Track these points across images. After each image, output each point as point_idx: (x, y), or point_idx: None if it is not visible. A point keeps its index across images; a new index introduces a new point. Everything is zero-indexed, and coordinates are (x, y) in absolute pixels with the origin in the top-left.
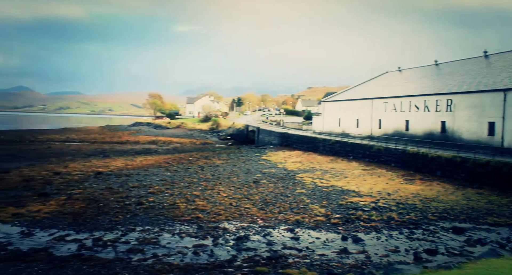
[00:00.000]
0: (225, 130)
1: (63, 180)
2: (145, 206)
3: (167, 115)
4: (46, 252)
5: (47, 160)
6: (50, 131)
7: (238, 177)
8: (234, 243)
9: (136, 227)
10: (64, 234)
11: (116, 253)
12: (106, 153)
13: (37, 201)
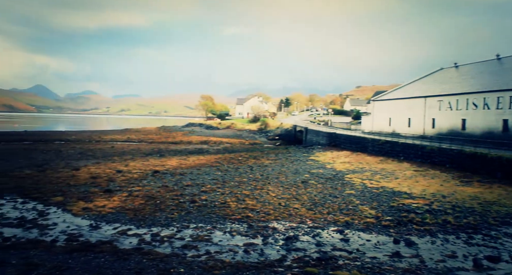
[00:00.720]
0: (273, 130)
1: (125, 178)
2: (198, 204)
3: (218, 116)
4: (111, 244)
5: (111, 159)
6: (113, 132)
7: (287, 177)
8: (283, 243)
9: (190, 224)
10: (126, 228)
11: (172, 249)
12: (162, 153)
13: (103, 197)
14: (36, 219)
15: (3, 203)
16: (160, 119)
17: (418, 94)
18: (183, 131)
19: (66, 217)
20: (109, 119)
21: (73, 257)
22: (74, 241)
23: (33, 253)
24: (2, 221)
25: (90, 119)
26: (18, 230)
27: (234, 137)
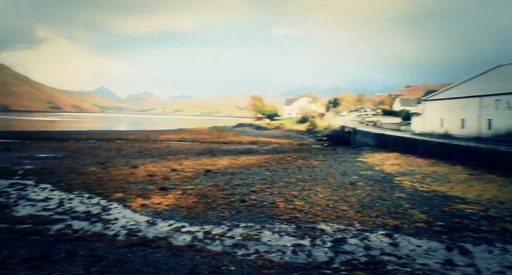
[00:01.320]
0: (321, 131)
1: (179, 176)
2: (248, 203)
3: (267, 116)
4: (166, 240)
5: (166, 157)
6: (168, 132)
7: (335, 179)
8: (331, 245)
9: (240, 223)
10: (180, 225)
11: (223, 247)
12: (214, 153)
13: (159, 195)
14: (100, 213)
15: (72, 198)
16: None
17: (472, 93)
18: (233, 131)
19: (126, 213)
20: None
21: (132, 251)
22: (133, 236)
23: (98, 246)
24: (72, 214)
25: (147, 119)
26: (85, 223)
27: (282, 137)
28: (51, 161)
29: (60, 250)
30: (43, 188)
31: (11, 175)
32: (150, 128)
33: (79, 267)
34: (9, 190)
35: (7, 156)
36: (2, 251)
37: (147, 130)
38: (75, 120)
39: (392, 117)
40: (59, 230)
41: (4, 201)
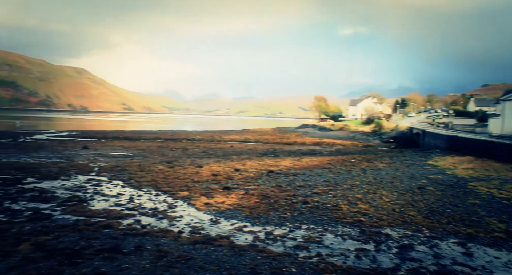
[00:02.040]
0: (388, 132)
1: (242, 176)
2: (310, 205)
3: (331, 117)
4: (229, 239)
5: (230, 157)
6: (232, 132)
7: (402, 182)
8: (397, 251)
9: (302, 225)
10: (242, 225)
11: (284, 248)
12: (277, 153)
13: (222, 194)
14: (166, 210)
15: (141, 194)
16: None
17: None
18: (296, 132)
19: (190, 211)
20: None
21: (196, 248)
22: (197, 233)
23: (164, 241)
24: (140, 210)
25: (212, 119)
26: (152, 219)
27: (347, 139)
28: (123, 159)
29: (129, 244)
30: (115, 185)
31: (88, 172)
32: (215, 128)
33: (146, 261)
34: (87, 186)
35: (85, 154)
36: (80, 241)
37: (211, 131)
38: (145, 121)
39: (466, 119)
40: (129, 225)
41: (82, 195)
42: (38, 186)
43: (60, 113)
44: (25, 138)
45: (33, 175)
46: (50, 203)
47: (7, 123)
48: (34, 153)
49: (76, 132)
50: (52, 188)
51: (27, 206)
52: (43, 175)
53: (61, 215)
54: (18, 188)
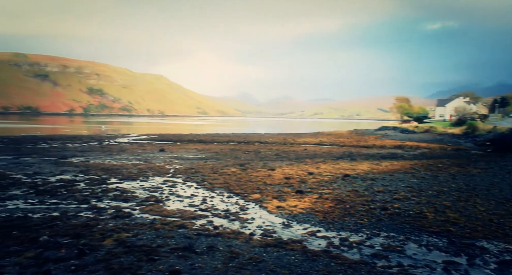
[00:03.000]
0: (483, 134)
1: (315, 180)
2: (390, 212)
3: (415, 118)
4: (301, 244)
5: (303, 161)
6: (306, 135)
7: (501, 190)
8: (496, 267)
9: (381, 232)
10: (315, 229)
11: (361, 255)
12: (353, 157)
13: (294, 197)
14: (238, 212)
15: (214, 196)
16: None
17: None
18: (375, 135)
19: (262, 214)
20: (303, 122)
21: (267, 251)
22: (268, 236)
23: (235, 243)
24: (213, 211)
25: (285, 122)
26: (224, 221)
27: (433, 141)
28: (197, 162)
29: (202, 244)
30: (189, 186)
31: (165, 173)
32: (288, 131)
33: (218, 261)
34: (163, 187)
35: (162, 156)
36: (156, 239)
37: (285, 133)
38: (219, 124)
39: None
40: (202, 225)
41: (158, 196)
42: (120, 186)
43: (140, 118)
44: (109, 141)
45: (115, 176)
46: (130, 202)
47: (94, 128)
48: (116, 155)
49: (154, 136)
50: (132, 188)
51: (110, 204)
52: (124, 176)
53: (140, 214)
54: (103, 188)
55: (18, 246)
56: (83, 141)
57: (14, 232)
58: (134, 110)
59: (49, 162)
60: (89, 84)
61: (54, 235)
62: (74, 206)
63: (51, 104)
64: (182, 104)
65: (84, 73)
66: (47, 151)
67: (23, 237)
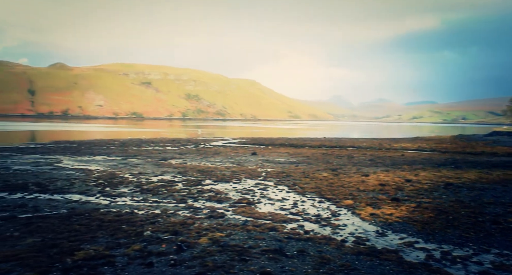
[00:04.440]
0: None
1: (413, 188)
2: (503, 226)
3: None
4: (397, 254)
5: (400, 167)
6: (403, 140)
7: None
8: None
9: (491, 248)
10: (413, 240)
11: (466, 272)
12: (457, 164)
13: (390, 205)
14: (329, 218)
15: (305, 200)
16: (456, 127)
17: None
18: (485, 141)
19: (355, 220)
20: (400, 127)
21: (360, 259)
22: (361, 244)
23: (326, 248)
24: (304, 215)
25: (381, 126)
26: (315, 226)
27: None
28: (288, 166)
29: (292, 247)
30: (280, 190)
31: (256, 176)
32: (384, 135)
33: (308, 266)
34: (254, 189)
35: (254, 159)
36: (248, 241)
37: (380, 138)
38: (310, 128)
39: None
40: (292, 229)
41: (250, 198)
42: (214, 187)
43: (233, 122)
44: (204, 144)
45: (210, 178)
46: (224, 203)
47: (191, 132)
48: (211, 158)
49: (246, 139)
50: (226, 190)
51: (205, 204)
52: (218, 178)
53: (233, 215)
54: (199, 189)
55: (126, 239)
56: (181, 144)
57: (123, 226)
58: (228, 115)
59: (151, 163)
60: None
61: (156, 231)
62: (173, 204)
63: (153, 110)
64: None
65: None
66: (150, 153)
67: (130, 231)
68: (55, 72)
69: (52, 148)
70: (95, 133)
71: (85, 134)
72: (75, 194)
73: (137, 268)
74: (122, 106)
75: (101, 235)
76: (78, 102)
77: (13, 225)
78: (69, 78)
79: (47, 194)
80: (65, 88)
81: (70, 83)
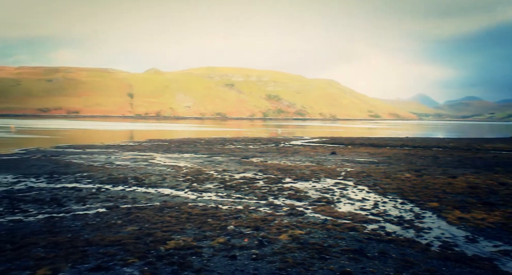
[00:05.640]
0: None
1: (509, 192)
2: None
3: None
4: (491, 263)
5: (492, 169)
6: (496, 140)
7: None
8: None
9: None
10: (509, 249)
11: None
12: None
13: (481, 209)
14: (413, 220)
15: (386, 201)
16: None
17: None
18: None
19: (441, 224)
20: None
21: (447, 265)
22: (448, 249)
23: (409, 252)
24: (385, 217)
25: (469, 126)
26: (397, 228)
27: None
28: (368, 166)
29: (373, 249)
30: (360, 190)
31: (336, 176)
32: (473, 135)
33: (390, 269)
34: (334, 189)
35: (333, 159)
36: (328, 239)
37: (468, 138)
38: (392, 127)
39: None
40: (373, 230)
41: (329, 197)
42: (294, 186)
43: (312, 121)
44: (284, 143)
45: (290, 176)
46: (303, 201)
47: (271, 131)
48: (291, 156)
49: (326, 139)
50: (305, 189)
51: (285, 202)
52: (297, 177)
53: (312, 213)
54: (279, 187)
55: (212, 231)
56: (262, 143)
57: (208, 220)
58: (307, 114)
59: (234, 161)
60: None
61: (238, 226)
62: (254, 201)
63: (236, 110)
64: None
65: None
66: (233, 152)
67: (215, 224)
68: (150, 77)
69: (147, 146)
70: (183, 132)
71: (175, 133)
72: (167, 188)
73: (222, 259)
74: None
75: (189, 227)
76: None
77: (116, 214)
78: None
79: (143, 187)
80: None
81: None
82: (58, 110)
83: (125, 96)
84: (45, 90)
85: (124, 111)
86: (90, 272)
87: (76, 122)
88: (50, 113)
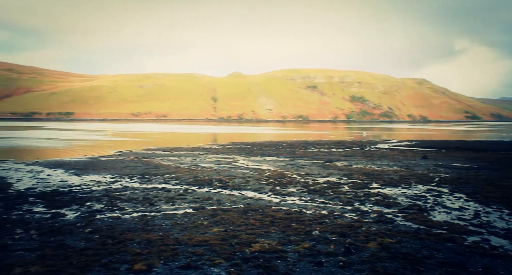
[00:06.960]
0: None
1: None
2: None
3: None
4: None
5: None
6: None
7: None
8: None
9: None
10: None
11: None
12: None
13: None
14: None
15: (489, 211)
16: None
17: None
18: None
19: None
20: None
21: None
22: None
23: None
24: (489, 228)
25: None
26: (505, 242)
27: None
28: (465, 171)
29: (476, 263)
30: (457, 197)
31: (428, 182)
32: None
33: None
34: (426, 195)
35: (424, 163)
36: (421, 250)
37: None
38: (493, 130)
39: None
40: (474, 242)
41: (422, 205)
42: (381, 191)
43: (400, 124)
44: (369, 147)
45: (377, 181)
46: (392, 208)
47: (355, 134)
48: (377, 161)
49: (415, 142)
50: (394, 195)
51: (372, 208)
52: (385, 182)
53: (402, 221)
54: (365, 192)
55: (296, 236)
56: (346, 146)
57: (292, 224)
58: (394, 116)
59: (317, 165)
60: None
61: (323, 231)
62: (339, 206)
63: (318, 112)
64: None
65: (346, 82)
66: (315, 155)
67: (299, 229)
68: (232, 81)
69: (230, 148)
70: (265, 135)
71: (257, 136)
72: (250, 191)
73: (307, 265)
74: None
75: (273, 230)
76: (251, 106)
77: (203, 215)
78: (244, 85)
79: (227, 189)
80: (240, 95)
81: (244, 89)
82: (148, 114)
83: (209, 99)
84: (137, 95)
85: (208, 115)
86: (180, 270)
87: (164, 125)
88: (141, 117)
